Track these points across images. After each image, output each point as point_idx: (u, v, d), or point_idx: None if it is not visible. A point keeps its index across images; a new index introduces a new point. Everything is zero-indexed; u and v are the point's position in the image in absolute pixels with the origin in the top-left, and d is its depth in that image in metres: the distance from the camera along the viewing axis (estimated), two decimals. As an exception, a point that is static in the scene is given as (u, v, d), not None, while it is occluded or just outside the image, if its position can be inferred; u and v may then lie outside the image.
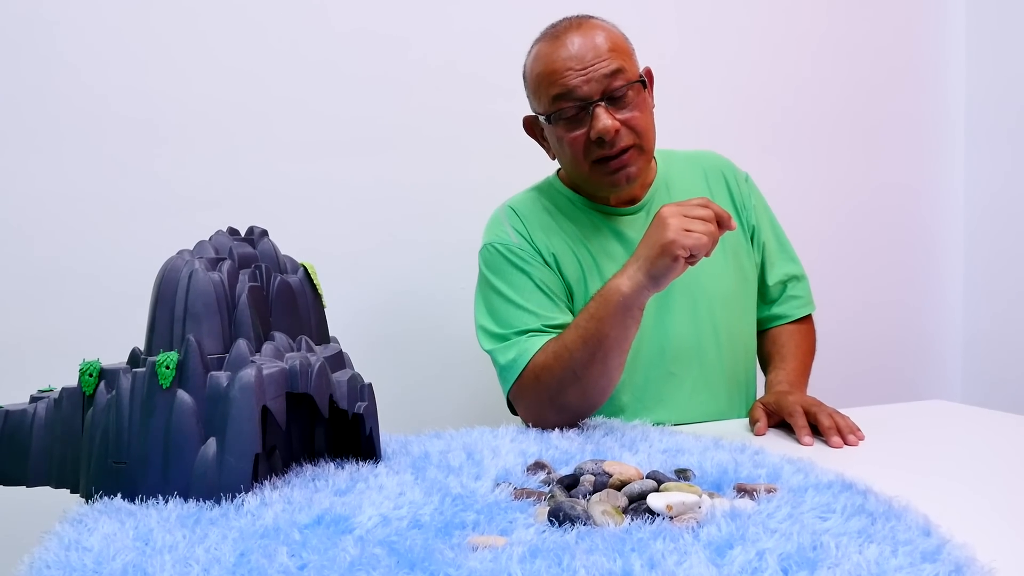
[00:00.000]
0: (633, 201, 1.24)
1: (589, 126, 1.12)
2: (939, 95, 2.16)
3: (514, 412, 1.18)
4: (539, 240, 1.21)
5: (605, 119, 1.10)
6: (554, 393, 1.05)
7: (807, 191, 2.00)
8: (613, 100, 1.12)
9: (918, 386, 2.15)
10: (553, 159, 1.24)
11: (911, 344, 2.17)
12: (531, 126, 1.25)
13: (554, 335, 1.11)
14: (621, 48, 1.14)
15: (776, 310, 1.32)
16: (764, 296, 1.32)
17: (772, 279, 1.31)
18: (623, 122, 1.12)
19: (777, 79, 1.97)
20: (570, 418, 1.06)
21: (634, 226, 1.22)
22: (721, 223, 0.99)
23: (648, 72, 1.21)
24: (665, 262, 0.97)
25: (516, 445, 0.90)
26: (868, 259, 2.10)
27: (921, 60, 2.14)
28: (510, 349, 1.12)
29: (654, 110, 1.21)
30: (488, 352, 1.17)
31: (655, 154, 1.29)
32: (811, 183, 2.02)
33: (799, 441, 1.00)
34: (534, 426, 1.06)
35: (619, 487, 0.70)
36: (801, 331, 1.31)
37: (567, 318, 1.16)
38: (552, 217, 1.23)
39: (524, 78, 1.21)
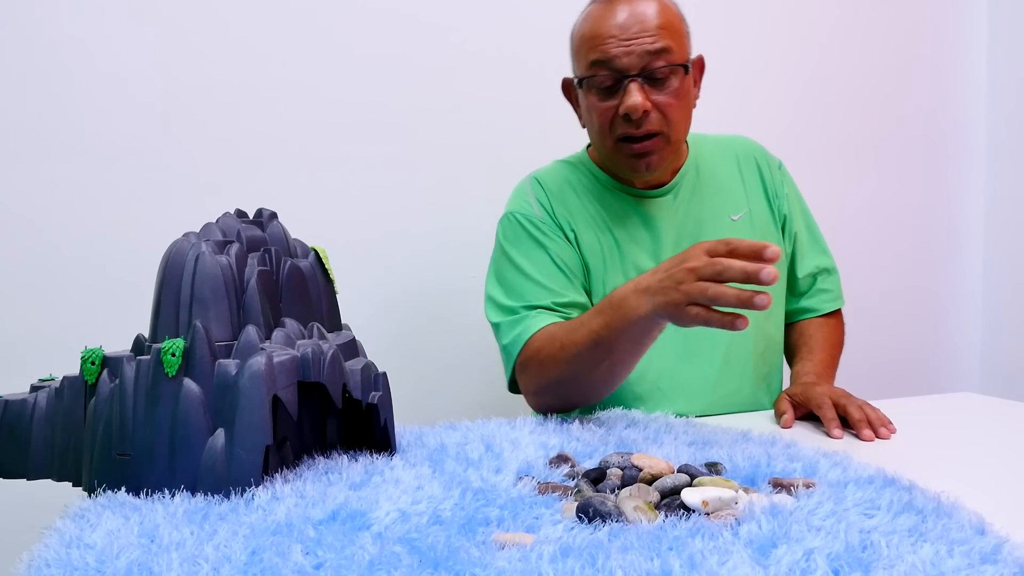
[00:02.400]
0: (660, 184, 1.21)
1: (620, 100, 1.08)
2: (960, 86, 2.12)
3: (515, 391, 1.14)
4: (561, 214, 1.18)
5: (636, 96, 1.06)
6: (553, 382, 1.02)
7: (823, 185, 1.96)
8: (651, 79, 1.07)
9: (937, 377, 2.11)
10: (583, 127, 1.20)
11: (929, 335, 2.13)
12: (568, 89, 1.21)
13: (562, 315, 1.09)
14: (673, 28, 1.09)
15: (805, 303, 1.29)
16: (793, 288, 1.29)
17: (802, 271, 1.28)
18: (656, 104, 1.08)
19: (792, 72, 1.93)
20: (568, 407, 1.03)
21: (661, 209, 1.19)
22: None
23: (700, 61, 1.17)
24: (673, 317, 0.87)
25: (536, 437, 0.87)
26: (886, 251, 2.06)
27: (941, 52, 2.09)
28: (516, 325, 1.09)
29: (697, 100, 1.18)
30: (493, 325, 1.14)
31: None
32: (827, 177, 1.97)
33: (828, 434, 0.97)
34: (533, 405, 1.07)
35: (650, 481, 0.67)
36: (830, 324, 1.28)
37: (580, 297, 1.13)
38: (577, 193, 1.20)
39: (570, 36, 1.16)
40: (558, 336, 1.02)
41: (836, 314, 1.30)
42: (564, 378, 1.01)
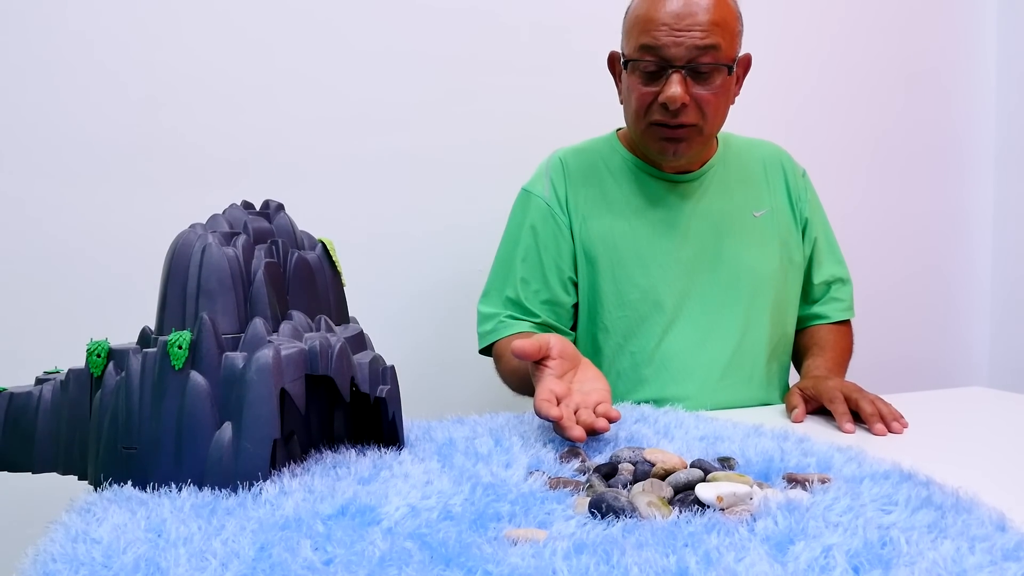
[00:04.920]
0: (688, 171, 1.22)
1: (661, 87, 1.09)
2: (968, 85, 2.10)
3: (484, 354, 1.28)
4: (574, 199, 1.22)
5: (677, 88, 1.07)
6: (508, 384, 1.21)
7: (831, 184, 1.94)
8: (695, 73, 1.09)
9: (946, 371, 2.10)
10: (621, 103, 1.21)
11: (938, 330, 2.12)
12: (613, 62, 1.22)
13: (531, 317, 1.20)
14: (726, 25, 1.10)
15: (817, 309, 1.30)
16: (807, 295, 1.31)
17: (818, 278, 1.29)
18: (695, 98, 1.09)
19: (800, 74, 1.92)
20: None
21: (686, 196, 1.22)
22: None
23: (747, 59, 1.18)
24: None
25: (545, 432, 0.86)
26: (895, 246, 2.05)
27: (950, 55, 2.08)
28: (489, 321, 1.23)
29: (736, 97, 1.19)
30: (478, 307, 1.27)
31: None
32: (835, 176, 1.96)
33: (840, 428, 0.96)
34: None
35: (663, 476, 0.66)
36: (840, 331, 1.29)
37: (555, 295, 1.21)
38: (601, 174, 1.23)
39: (626, 10, 1.17)
40: (507, 354, 1.14)
41: (846, 324, 1.32)
42: (511, 387, 1.21)
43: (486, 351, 1.25)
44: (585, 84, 1.66)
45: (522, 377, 1.08)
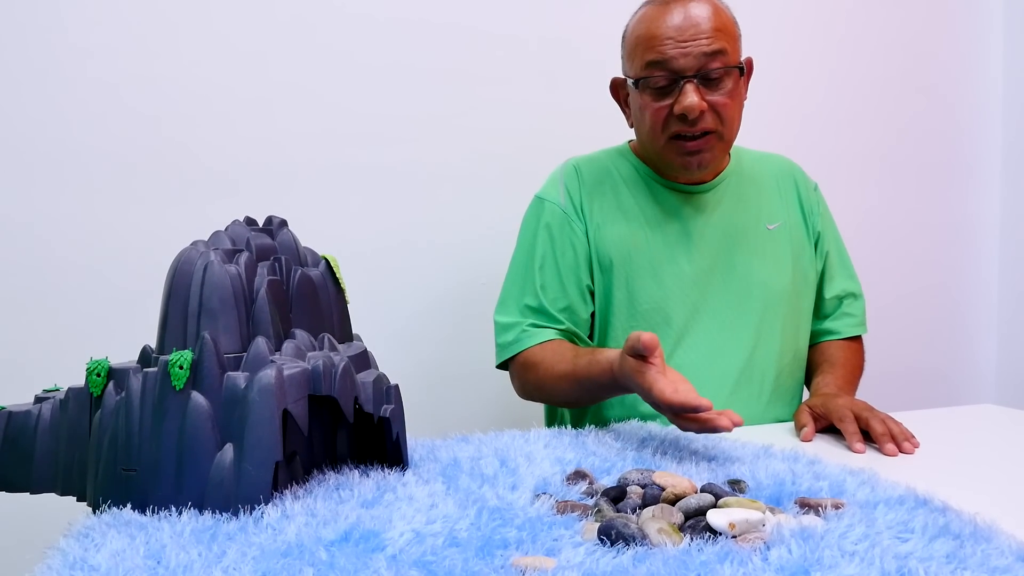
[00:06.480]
0: (701, 182, 1.21)
1: (675, 100, 1.09)
2: (974, 95, 2.09)
3: (501, 368, 1.22)
4: (588, 206, 1.20)
5: (693, 96, 1.07)
6: (536, 394, 1.16)
7: (837, 196, 1.93)
8: (706, 80, 1.09)
9: (952, 387, 2.08)
10: (631, 127, 1.21)
11: (945, 345, 2.10)
12: (617, 89, 1.22)
13: (555, 325, 1.16)
14: (727, 30, 1.10)
15: (828, 325, 1.29)
16: (818, 310, 1.29)
17: (829, 292, 1.28)
18: (711, 104, 1.09)
19: (805, 79, 1.91)
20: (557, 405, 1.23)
21: (700, 207, 1.21)
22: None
23: (749, 62, 1.17)
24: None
25: (551, 451, 0.84)
26: (900, 261, 2.03)
27: (956, 63, 2.07)
28: (510, 331, 1.17)
29: (745, 101, 1.17)
30: (494, 318, 1.22)
31: None
32: (841, 188, 1.95)
33: (850, 448, 0.94)
34: (520, 396, 1.19)
35: (673, 501, 0.65)
36: (851, 347, 1.27)
37: (574, 303, 1.18)
38: (616, 183, 1.22)
39: (623, 36, 1.17)
40: (546, 361, 1.11)
41: (857, 340, 1.30)
42: (544, 395, 1.15)
43: (503, 364, 1.20)
44: (589, 97, 1.65)
45: (573, 382, 1.05)
